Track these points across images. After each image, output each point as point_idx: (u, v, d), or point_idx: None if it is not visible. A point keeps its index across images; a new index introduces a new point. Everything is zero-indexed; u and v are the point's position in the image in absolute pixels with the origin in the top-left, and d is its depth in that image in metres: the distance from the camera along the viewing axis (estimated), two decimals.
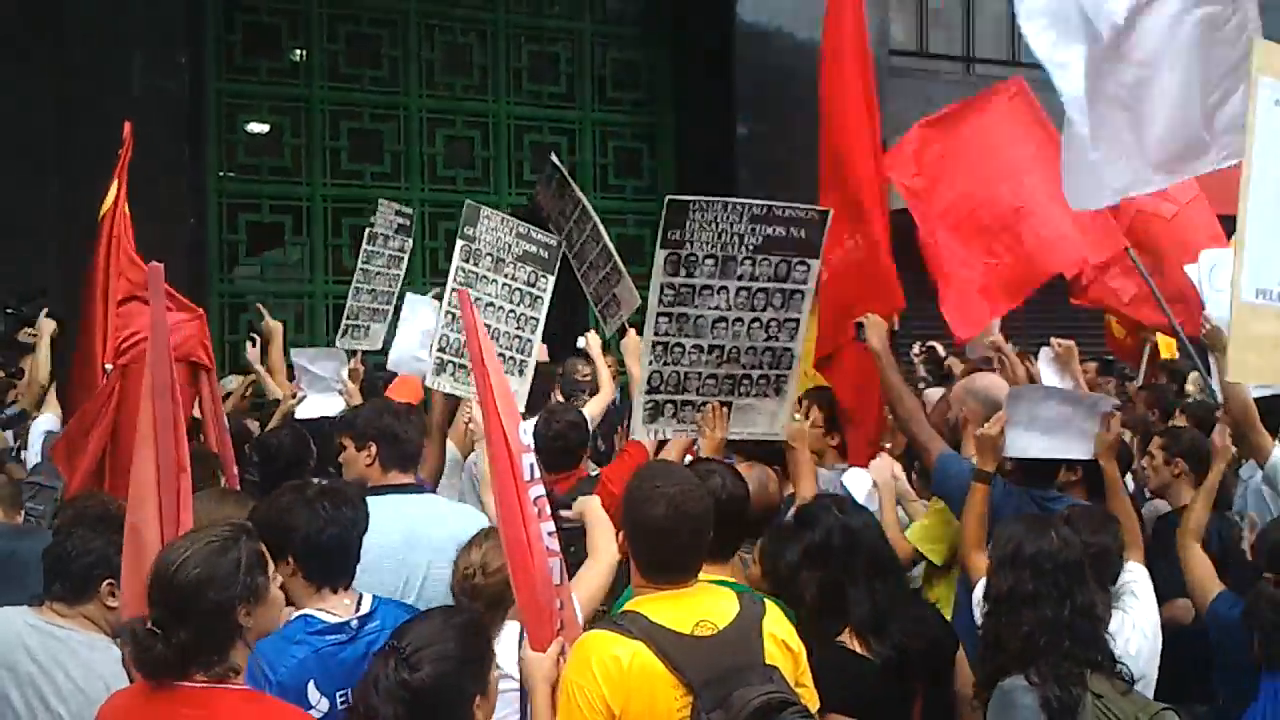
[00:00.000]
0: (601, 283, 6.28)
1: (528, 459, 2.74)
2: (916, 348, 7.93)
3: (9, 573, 3.57)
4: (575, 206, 6.22)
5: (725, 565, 3.19)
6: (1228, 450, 4.32)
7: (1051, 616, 3.02)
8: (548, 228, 6.15)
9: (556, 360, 6.97)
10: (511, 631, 2.94)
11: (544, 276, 5.16)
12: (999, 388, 4.41)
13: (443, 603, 3.10)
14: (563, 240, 6.15)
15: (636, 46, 11.20)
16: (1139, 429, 5.76)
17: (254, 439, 5.66)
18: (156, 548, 2.59)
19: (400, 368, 6.26)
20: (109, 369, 4.39)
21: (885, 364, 4.33)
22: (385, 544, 3.55)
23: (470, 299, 2.90)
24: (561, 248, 5.39)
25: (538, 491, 2.74)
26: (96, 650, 3.11)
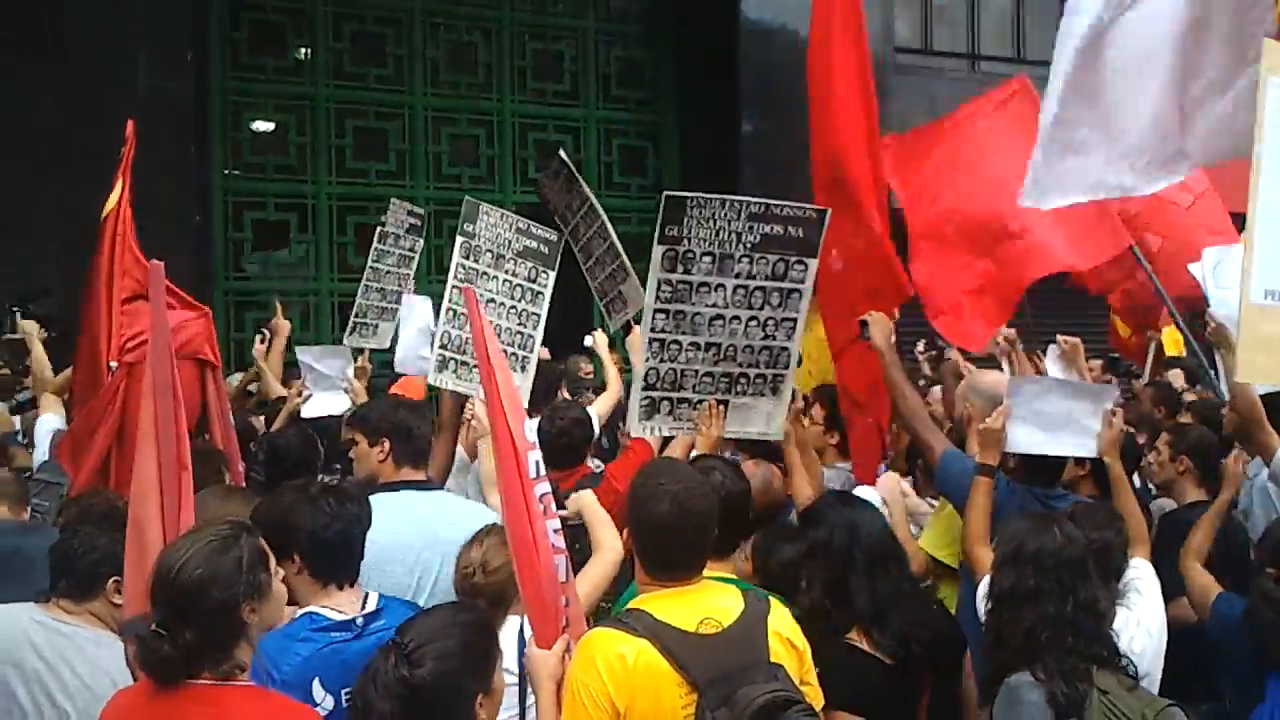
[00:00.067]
0: (607, 279, 6.28)
1: (533, 456, 2.74)
2: (921, 345, 7.92)
3: (14, 569, 3.57)
4: (582, 202, 6.22)
5: (726, 561, 3.19)
6: (1238, 475, 4.30)
7: (1054, 613, 3.02)
8: (554, 222, 6.15)
9: (557, 358, 6.97)
10: (512, 627, 2.94)
11: (545, 272, 5.16)
12: (1002, 385, 4.40)
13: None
14: (567, 235, 6.15)
15: (641, 45, 11.21)
16: (1147, 425, 5.75)
17: (260, 437, 5.67)
18: (159, 545, 2.60)
19: (406, 368, 6.26)
20: (113, 367, 4.40)
21: (889, 361, 4.32)
22: (398, 541, 3.55)
23: (477, 297, 2.89)
24: (562, 243, 5.39)
25: (543, 489, 2.75)
26: (103, 647, 3.11)
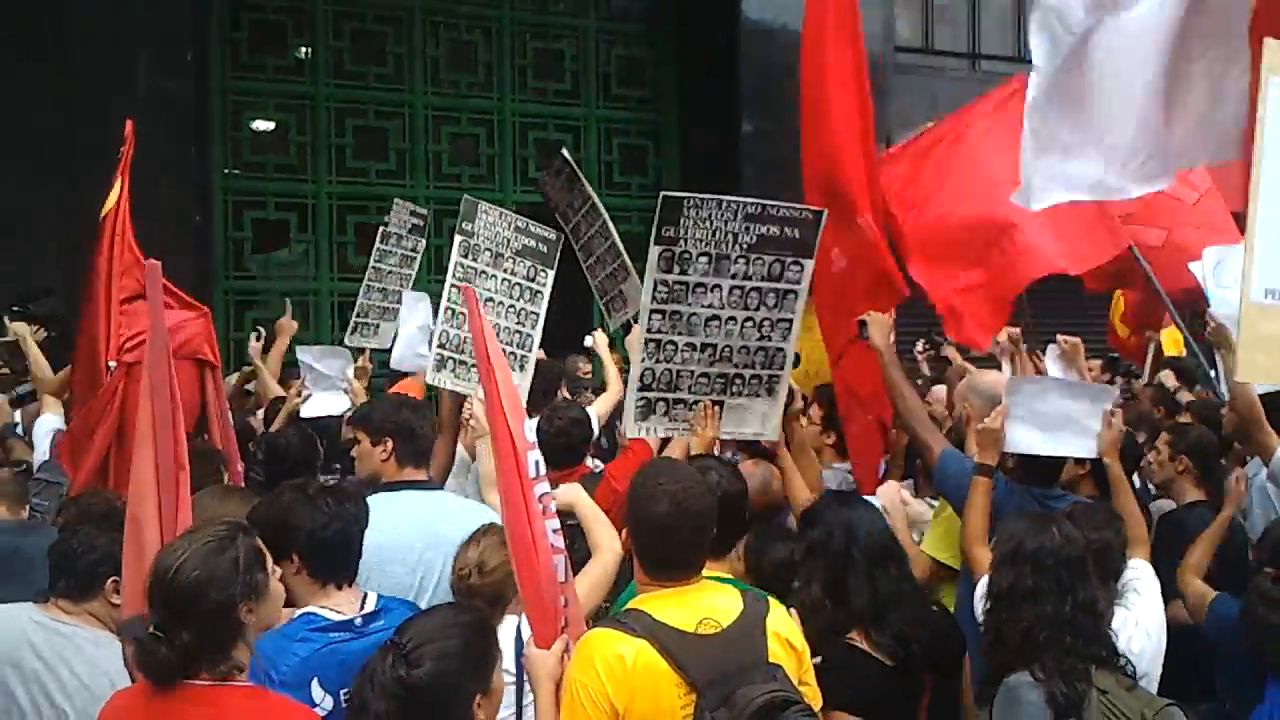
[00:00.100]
0: (608, 278, 6.28)
1: (533, 456, 2.73)
2: (920, 345, 7.92)
3: (13, 569, 3.57)
4: (584, 201, 6.23)
5: (723, 561, 3.19)
6: (1241, 495, 4.30)
7: (1052, 612, 3.02)
8: (554, 220, 6.16)
9: (554, 357, 6.97)
10: (509, 626, 2.94)
11: (544, 271, 5.16)
12: (1001, 385, 4.39)
13: None
14: (568, 233, 6.15)
15: (641, 44, 11.20)
16: (1146, 426, 5.75)
17: (260, 437, 5.67)
18: (157, 545, 2.60)
19: (403, 365, 6.26)
20: (112, 367, 4.40)
21: (888, 361, 4.31)
22: (400, 541, 3.55)
23: (476, 296, 2.89)
24: (560, 242, 5.39)
25: (543, 488, 2.74)
26: (101, 647, 3.11)
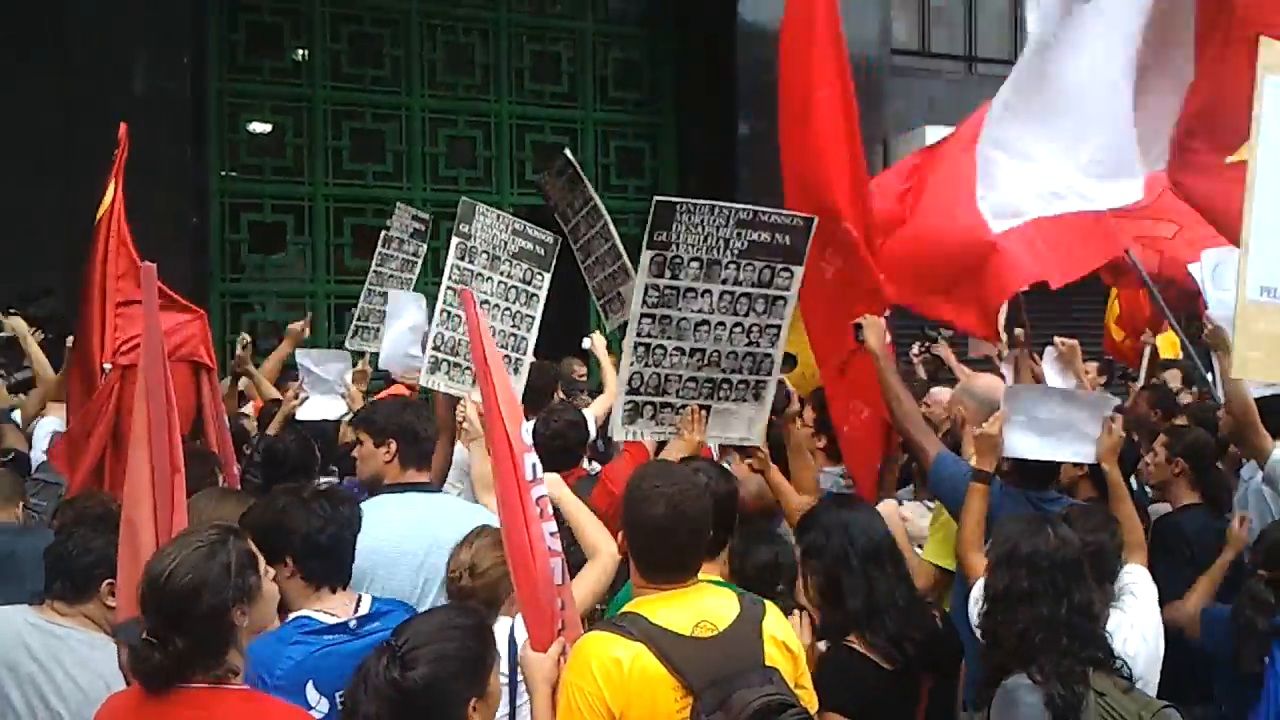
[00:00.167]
0: (606, 279, 6.28)
1: (530, 459, 2.73)
2: (916, 348, 7.91)
3: (8, 572, 3.58)
4: (585, 202, 6.22)
5: (714, 563, 3.19)
6: (1240, 540, 4.29)
7: (1048, 614, 3.01)
8: (553, 220, 6.16)
9: (549, 360, 6.96)
10: (502, 628, 2.93)
11: (540, 274, 5.16)
12: (996, 389, 4.39)
13: None
14: (568, 234, 6.15)
15: (638, 46, 11.21)
16: (1144, 429, 5.75)
17: (257, 440, 5.67)
18: (152, 548, 2.60)
19: (392, 365, 6.25)
20: (107, 369, 4.39)
21: (883, 365, 4.31)
22: (405, 544, 3.55)
23: (474, 299, 2.89)
24: (558, 245, 5.39)
25: (540, 491, 2.74)
26: (96, 649, 3.11)
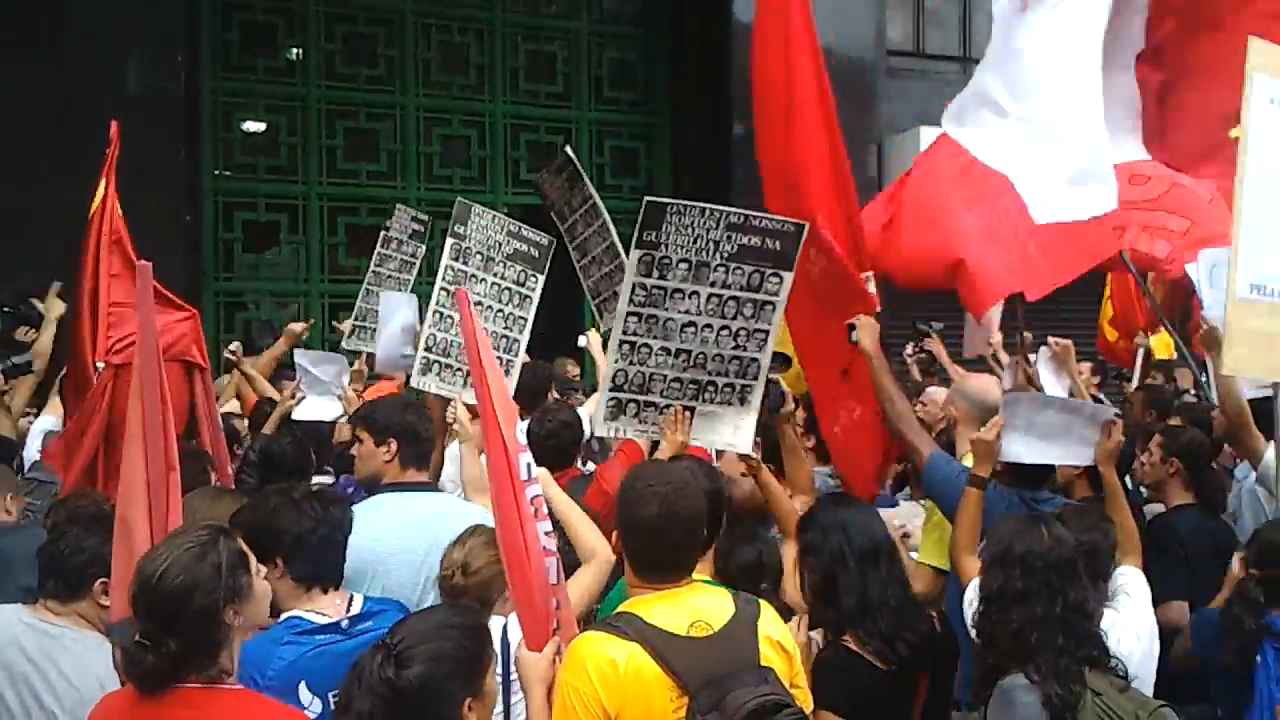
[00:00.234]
0: (603, 279, 6.27)
1: (524, 458, 2.73)
2: (910, 348, 7.92)
3: None
4: (584, 200, 6.22)
5: (705, 561, 3.19)
6: (1235, 580, 4.28)
7: (1042, 614, 3.01)
8: (549, 218, 6.15)
9: (542, 360, 6.96)
10: (495, 627, 2.93)
11: (534, 275, 5.15)
12: (990, 390, 4.39)
13: None
14: (564, 233, 6.15)
15: (633, 46, 11.21)
16: (1139, 429, 5.76)
17: (253, 441, 5.65)
18: (147, 546, 2.60)
19: (387, 367, 6.24)
20: (100, 368, 4.38)
21: (877, 366, 4.30)
22: (404, 543, 3.56)
23: (469, 300, 2.89)
24: (553, 247, 5.39)
25: (534, 491, 2.74)
26: (90, 648, 3.11)
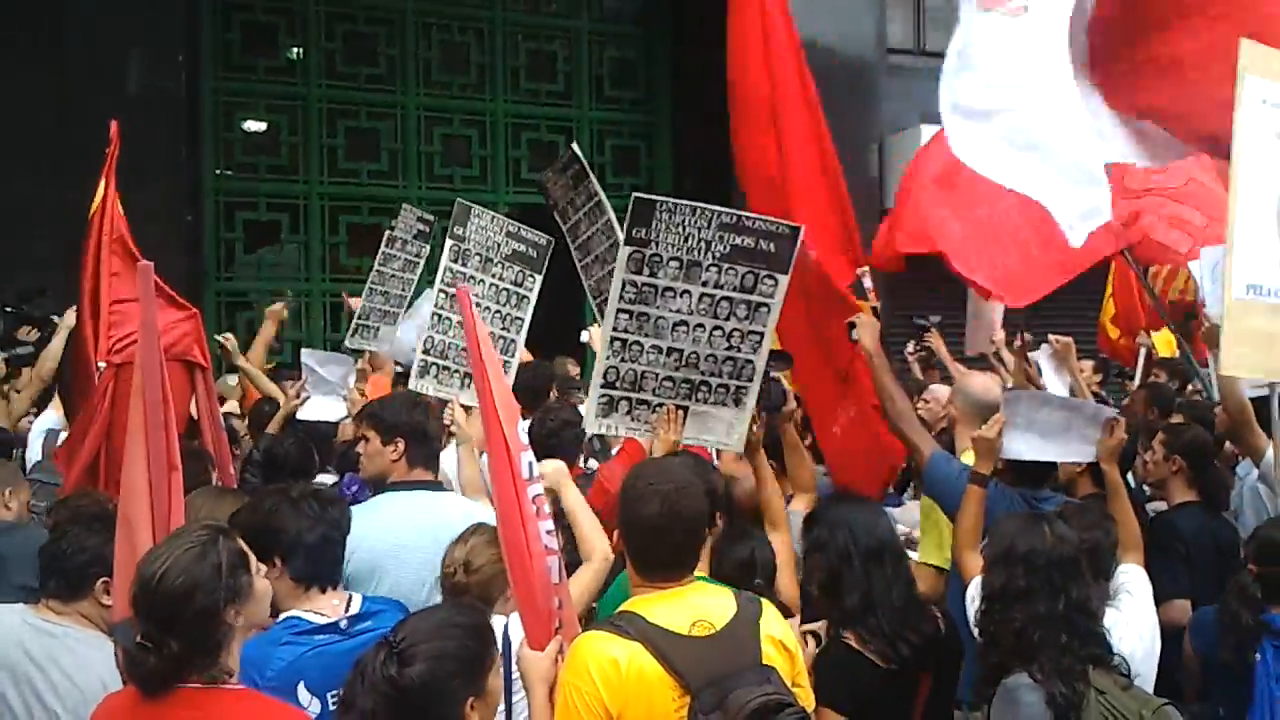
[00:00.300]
0: (605, 277, 6.24)
1: (526, 457, 2.73)
2: (910, 346, 7.93)
3: None
4: (588, 198, 6.21)
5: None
6: None
7: (1045, 612, 3.01)
8: (551, 217, 6.15)
9: (543, 359, 6.97)
10: (496, 626, 2.93)
11: (532, 276, 5.15)
12: (990, 389, 4.39)
13: None
14: (566, 233, 6.15)
15: (634, 45, 11.20)
16: (1141, 428, 5.76)
17: (254, 441, 5.66)
18: (149, 545, 2.59)
19: (401, 358, 6.27)
20: (102, 367, 4.38)
21: (878, 365, 4.29)
22: (412, 542, 3.56)
23: (470, 299, 2.89)
24: (551, 247, 5.38)
25: (536, 490, 2.73)
26: (92, 647, 3.11)
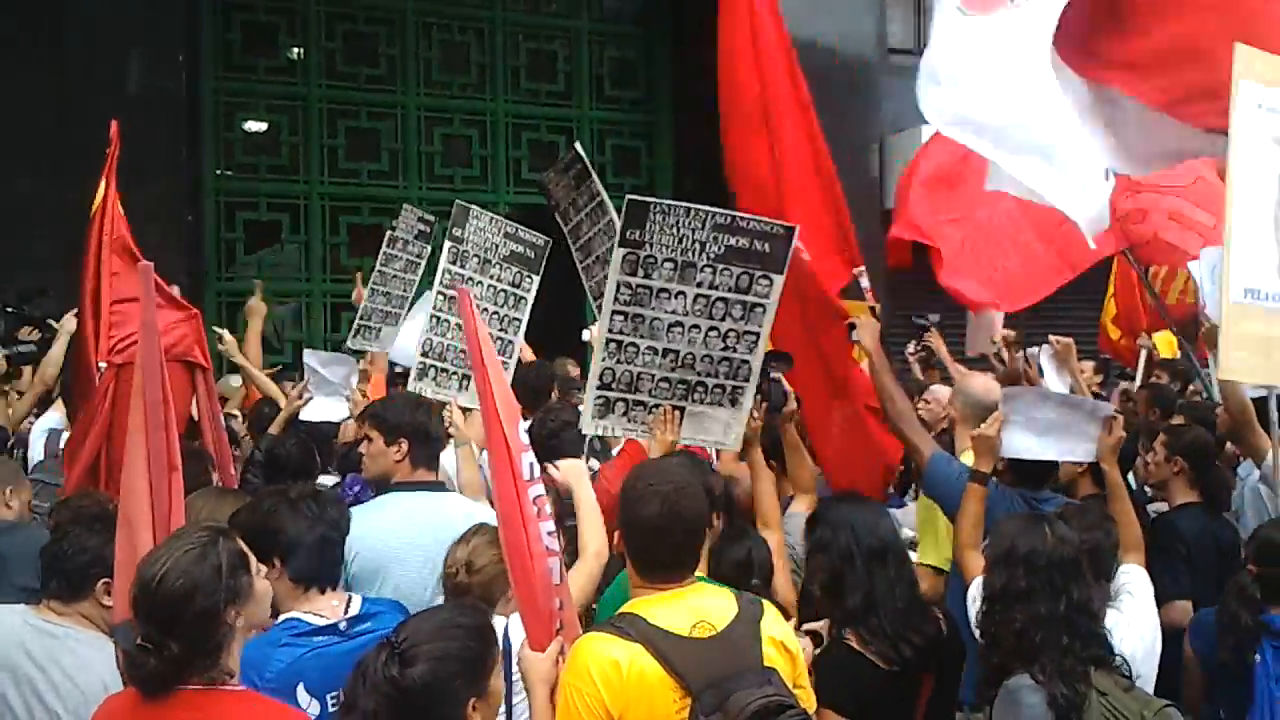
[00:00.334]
0: (606, 278, 6.27)
1: (527, 458, 2.72)
2: (911, 346, 7.93)
3: None
4: (590, 199, 6.21)
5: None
6: None
7: (1045, 613, 3.01)
8: (552, 218, 6.15)
9: (543, 360, 6.97)
10: (497, 626, 2.93)
11: (529, 277, 5.15)
12: (990, 390, 4.39)
13: None
14: (567, 233, 6.15)
15: (634, 45, 11.19)
16: (1143, 429, 5.75)
17: (255, 441, 5.66)
18: (149, 546, 2.59)
19: (403, 359, 6.28)
20: (102, 368, 4.38)
21: (878, 365, 4.30)
22: (417, 541, 3.57)
23: (471, 300, 2.89)
24: (549, 248, 5.39)
25: (537, 491, 2.73)
26: (93, 648, 3.11)
